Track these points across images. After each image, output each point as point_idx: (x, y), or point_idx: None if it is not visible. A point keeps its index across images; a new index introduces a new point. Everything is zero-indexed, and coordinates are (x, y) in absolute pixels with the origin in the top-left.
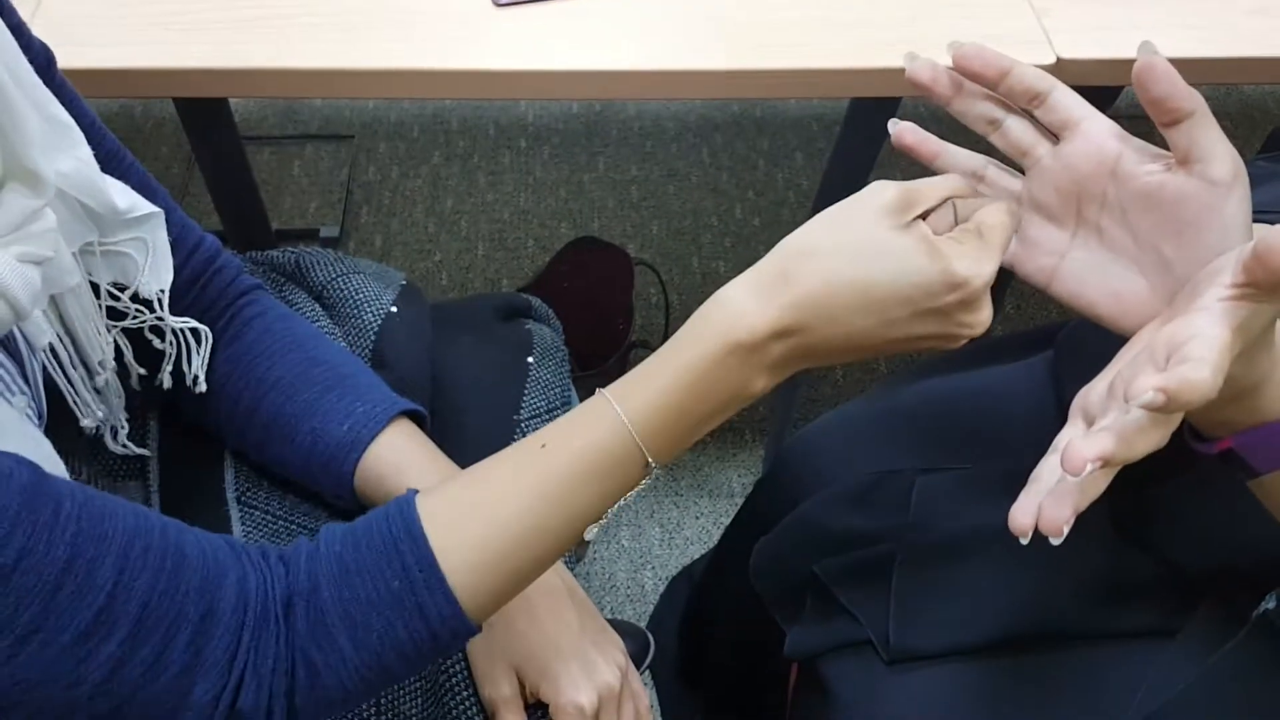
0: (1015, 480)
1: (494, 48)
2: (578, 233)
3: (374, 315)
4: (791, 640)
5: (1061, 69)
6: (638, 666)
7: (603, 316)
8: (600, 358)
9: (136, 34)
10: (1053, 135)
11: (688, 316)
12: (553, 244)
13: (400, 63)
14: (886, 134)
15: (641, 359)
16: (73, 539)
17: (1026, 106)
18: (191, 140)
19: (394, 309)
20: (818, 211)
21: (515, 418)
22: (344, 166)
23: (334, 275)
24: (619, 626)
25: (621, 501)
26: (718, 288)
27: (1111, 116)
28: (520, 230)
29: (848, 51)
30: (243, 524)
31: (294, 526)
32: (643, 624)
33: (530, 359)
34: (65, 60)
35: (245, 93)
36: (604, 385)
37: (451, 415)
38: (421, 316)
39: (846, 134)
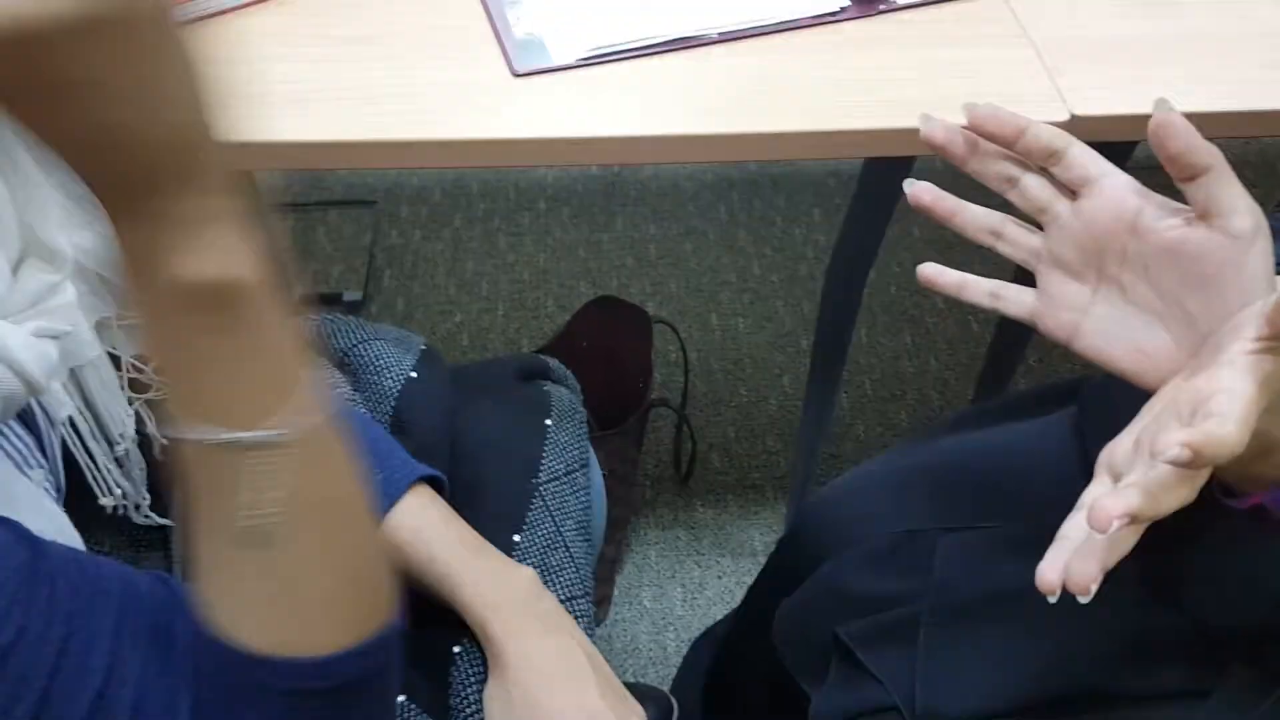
0: (1041, 539)
1: (513, 117)
2: (597, 292)
3: (394, 381)
4: (816, 706)
5: (1075, 126)
6: None
7: (622, 375)
8: (620, 416)
9: None
10: (1070, 192)
11: (707, 373)
12: (572, 303)
13: (422, 134)
14: (901, 191)
15: (662, 417)
16: (68, 618)
17: (1044, 164)
18: None
19: (414, 374)
20: (833, 269)
21: (534, 480)
22: (367, 231)
23: (355, 342)
24: (640, 691)
25: None
26: (737, 344)
27: (1127, 169)
28: (540, 290)
29: (860, 113)
30: None
31: None
32: (665, 687)
33: (549, 420)
34: None
35: (271, 165)
36: (624, 444)
37: (471, 478)
38: (441, 380)
39: (861, 193)
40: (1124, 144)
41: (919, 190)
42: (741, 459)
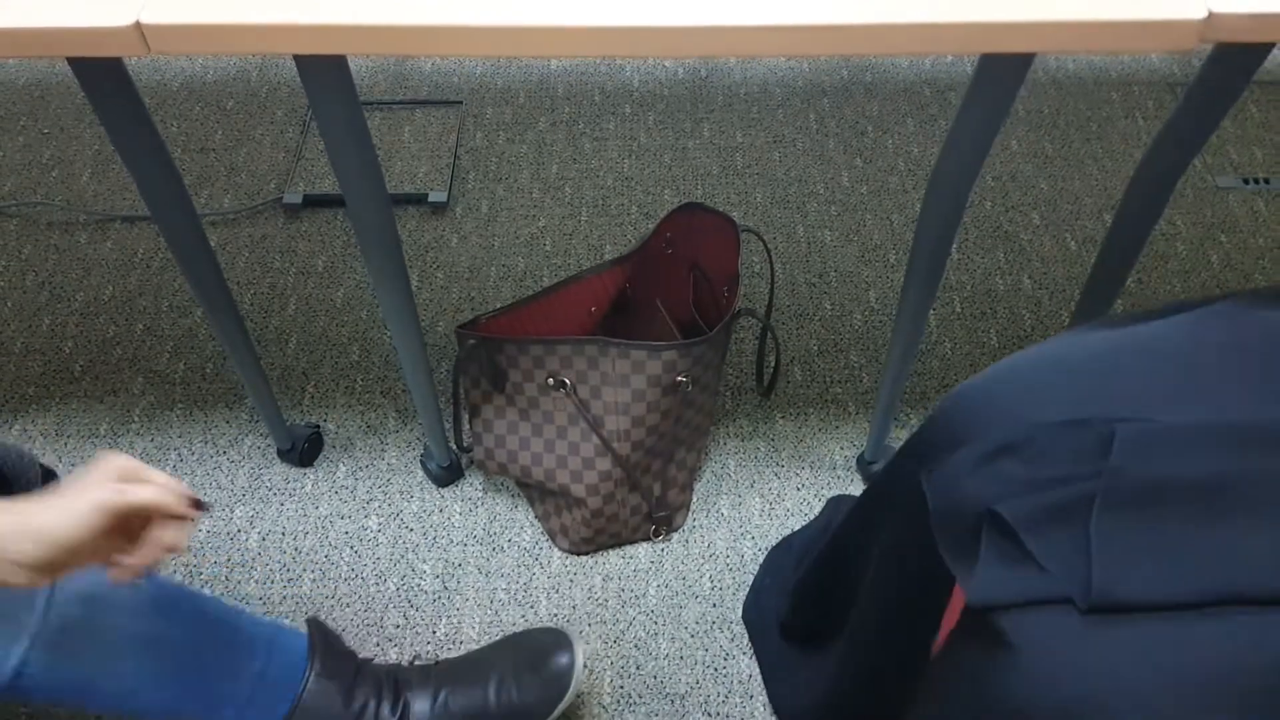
0: (1243, 430)
1: (606, 4)
2: (681, 199)
3: None
4: (973, 593)
5: (1213, 24)
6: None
7: (707, 284)
8: (706, 325)
9: None
10: None
11: (792, 285)
12: (656, 210)
13: (516, 19)
14: (1014, 96)
15: (744, 328)
16: None
17: None
18: (312, 101)
19: None
20: (936, 179)
21: None
22: (452, 132)
23: None
24: (546, 634)
25: None
26: (823, 256)
27: (1253, 83)
28: (624, 196)
29: (978, 4)
30: None
31: None
32: (741, 595)
33: None
34: (191, 17)
35: (362, 49)
36: (708, 352)
37: None
38: None
39: (974, 97)
40: (1258, 46)
41: None
42: (824, 373)
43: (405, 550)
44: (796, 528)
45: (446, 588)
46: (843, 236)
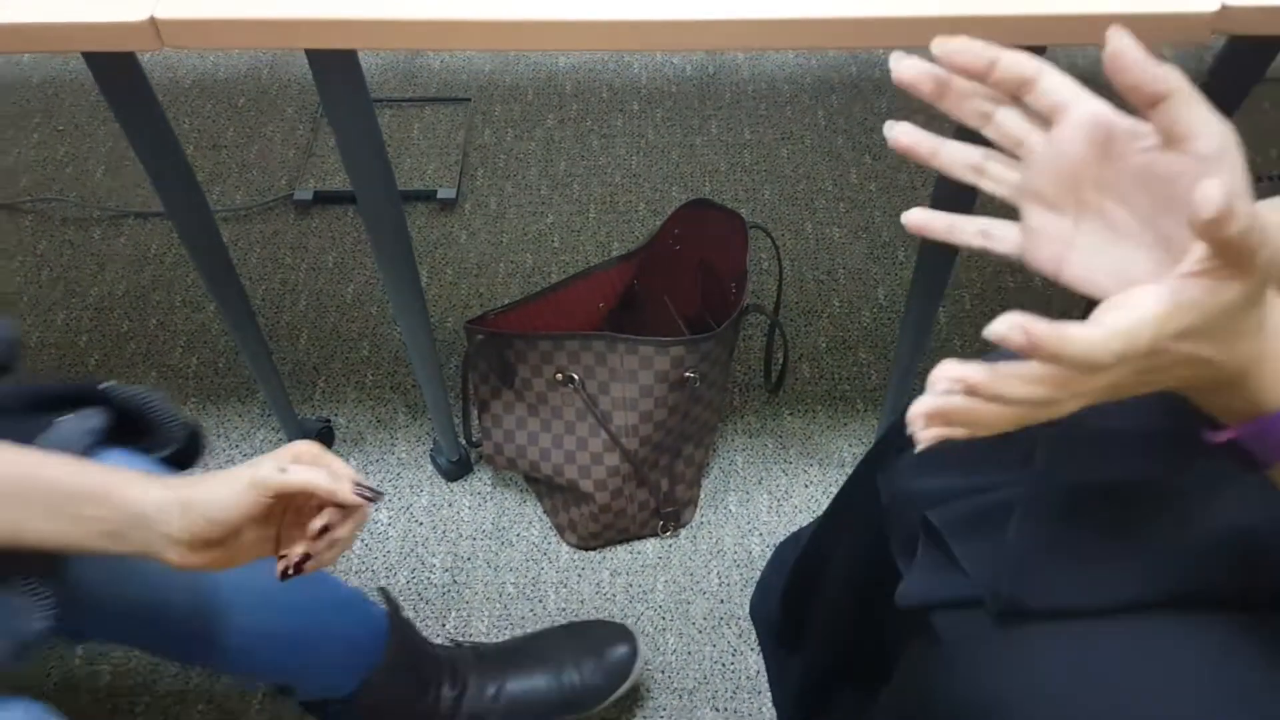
0: (1154, 437)
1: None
2: (689, 196)
3: None
4: (902, 591)
5: (1225, 17)
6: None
7: (715, 280)
8: (714, 322)
9: None
10: (1046, 122)
11: (801, 282)
12: (664, 207)
13: (525, 13)
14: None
15: (752, 325)
16: None
17: (1017, 94)
18: (323, 96)
19: None
20: (939, 177)
21: None
22: (461, 129)
23: None
24: (606, 627)
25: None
26: (831, 253)
27: (1263, 78)
28: (631, 193)
29: None
30: None
31: None
32: (749, 590)
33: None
34: (205, 12)
35: (373, 44)
36: (716, 349)
37: None
38: None
39: None
40: (1272, 40)
41: (898, 133)
42: (832, 370)
43: (415, 544)
44: (804, 524)
45: (456, 581)
46: (851, 233)
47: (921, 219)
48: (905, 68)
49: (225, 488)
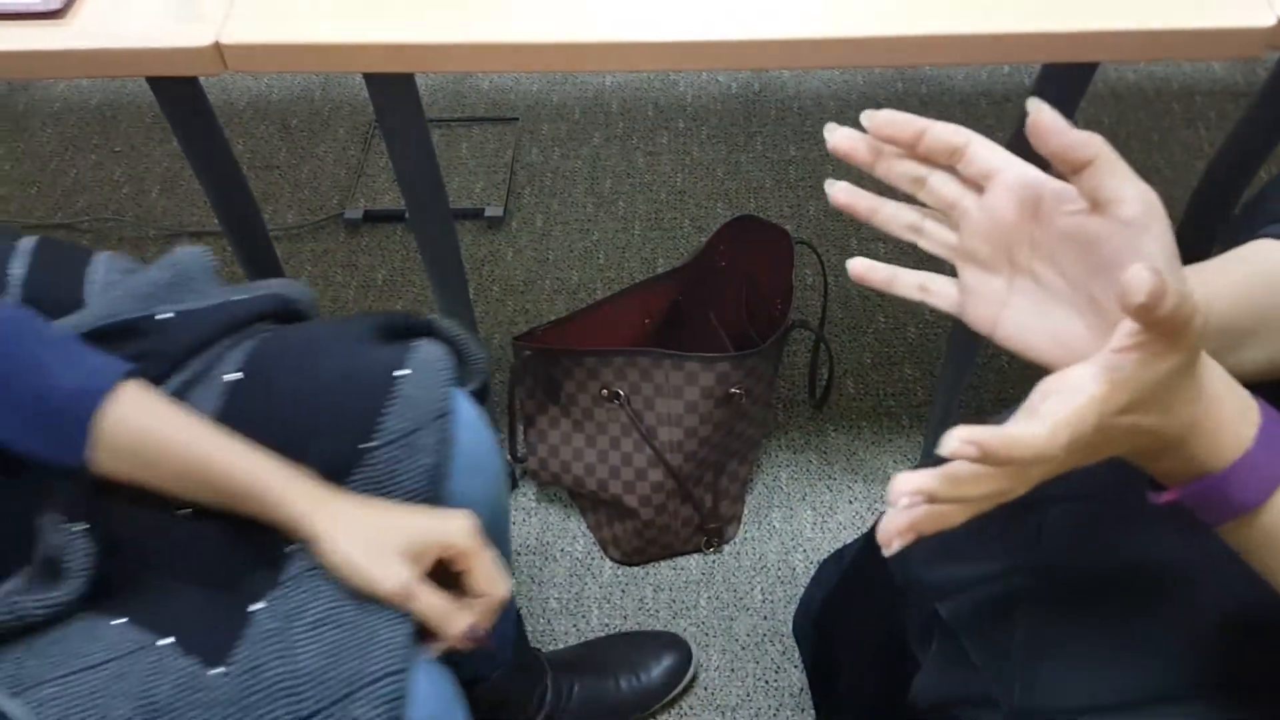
0: (1152, 513)
1: (658, 19)
2: (734, 213)
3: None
4: (918, 685)
5: None
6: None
7: (760, 296)
8: (758, 338)
9: (332, 10)
10: (978, 187)
11: (845, 298)
12: (709, 224)
13: (577, 36)
14: (1076, 105)
15: (798, 341)
16: None
17: (948, 162)
18: (380, 119)
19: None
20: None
21: (365, 444)
22: (509, 148)
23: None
24: (661, 638)
25: None
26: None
27: None
28: (677, 210)
29: (1039, 13)
30: None
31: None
32: (792, 608)
33: (401, 372)
34: (268, 37)
35: (430, 67)
36: (761, 365)
37: (287, 439)
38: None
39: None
40: None
41: (836, 190)
42: (877, 386)
43: None
44: (848, 541)
45: None
46: (897, 249)
47: (863, 269)
48: (839, 138)
49: (360, 574)
